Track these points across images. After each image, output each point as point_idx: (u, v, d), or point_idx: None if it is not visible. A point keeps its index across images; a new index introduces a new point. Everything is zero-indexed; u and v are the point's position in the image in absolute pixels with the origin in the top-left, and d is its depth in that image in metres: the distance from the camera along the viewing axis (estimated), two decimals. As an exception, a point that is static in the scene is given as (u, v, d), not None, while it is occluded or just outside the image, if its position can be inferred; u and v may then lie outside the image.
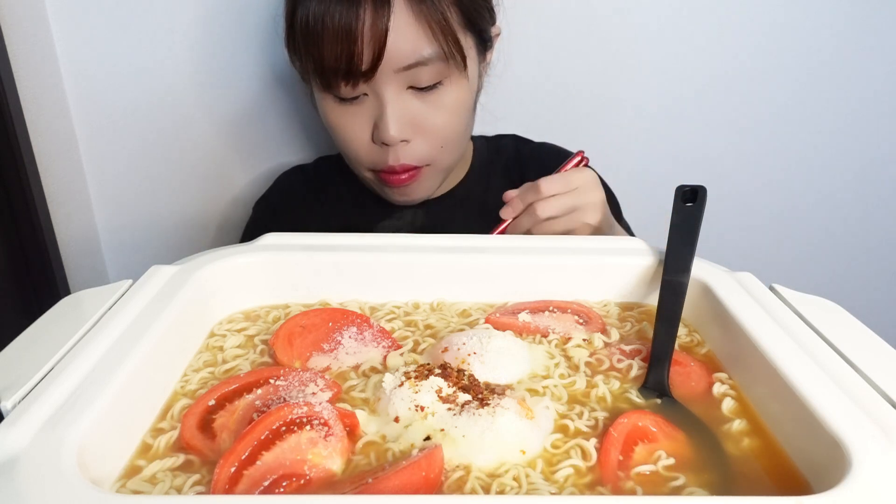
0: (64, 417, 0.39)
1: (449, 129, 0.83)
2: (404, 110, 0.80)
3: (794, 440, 0.43)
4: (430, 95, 0.80)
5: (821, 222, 1.25)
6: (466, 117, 0.86)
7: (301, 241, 0.65)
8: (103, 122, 1.10)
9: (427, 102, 0.80)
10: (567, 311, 0.61)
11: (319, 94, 0.83)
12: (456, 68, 0.80)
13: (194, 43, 1.06)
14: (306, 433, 0.42)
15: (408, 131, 0.81)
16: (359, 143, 0.83)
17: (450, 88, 0.81)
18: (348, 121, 0.82)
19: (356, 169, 0.89)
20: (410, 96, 0.80)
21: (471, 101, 0.86)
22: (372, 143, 0.82)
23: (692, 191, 0.63)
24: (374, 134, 0.81)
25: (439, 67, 0.78)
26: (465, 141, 0.89)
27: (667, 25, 1.08)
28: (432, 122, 0.81)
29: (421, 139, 0.82)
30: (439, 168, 0.87)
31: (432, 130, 0.82)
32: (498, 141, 1.04)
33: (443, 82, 0.80)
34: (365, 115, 0.81)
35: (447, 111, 0.82)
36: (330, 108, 0.83)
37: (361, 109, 0.81)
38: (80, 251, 1.13)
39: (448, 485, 0.40)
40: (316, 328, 0.56)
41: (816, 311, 0.53)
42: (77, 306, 0.53)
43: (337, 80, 0.78)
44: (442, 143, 0.84)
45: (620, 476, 0.42)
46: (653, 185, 1.15)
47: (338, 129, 0.84)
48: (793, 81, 1.13)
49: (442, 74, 0.79)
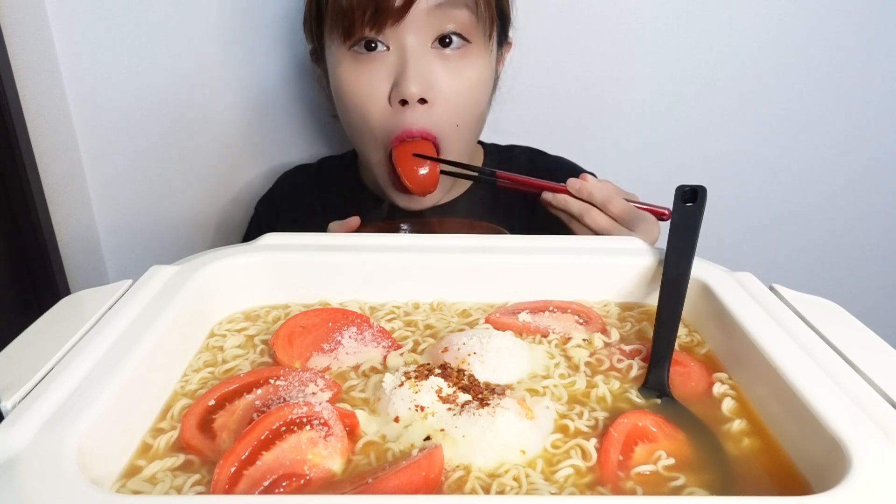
0: (64, 417, 0.39)
1: (466, 102, 0.81)
2: (426, 68, 0.77)
3: (794, 440, 0.43)
4: (453, 60, 0.78)
5: (821, 222, 1.25)
6: (483, 97, 0.84)
7: (301, 241, 0.65)
8: (103, 122, 1.10)
9: (449, 66, 0.78)
10: (567, 311, 0.61)
11: (335, 53, 0.80)
12: (482, 34, 0.78)
13: (194, 43, 1.06)
14: (306, 433, 0.42)
15: (428, 91, 0.77)
16: (375, 103, 0.79)
17: (472, 57, 0.79)
18: (365, 79, 0.79)
19: (366, 156, 0.86)
20: (434, 56, 0.78)
21: (488, 83, 0.84)
22: (388, 106, 0.79)
23: (692, 191, 0.63)
24: (391, 94, 0.78)
25: (467, 20, 0.76)
26: (478, 126, 0.87)
27: (666, 26, 1.08)
28: (452, 87, 0.79)
29: (439, 105, 0.79)
30: (448, 151, 0.83)
31: (451, 97, 0.79)
32: (511, 151, 1.02)
33: (465, 48, 0.78)
34: (383, 72, 0.78)
35: (467, 80, 0.80)
36: (345, 66, 0.79)
37: (380, 66, 0.78)
38: (80, 251, 1.13)
39: (448, 485, 0.40)
40: (316, 328, 0.56)
41: (816, 311, 0.53)
42: (77, 306, 0.53)
43: (363, 22, 0.74)
44: (458, 120, 0.81)
45: (620, 476, 0.42)
46: (653, 186, 1.15)
47: (353, 89, 0.80)
48: (793, 82, 1.14)
49: (468, 31, 0.77)
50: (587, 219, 0.75)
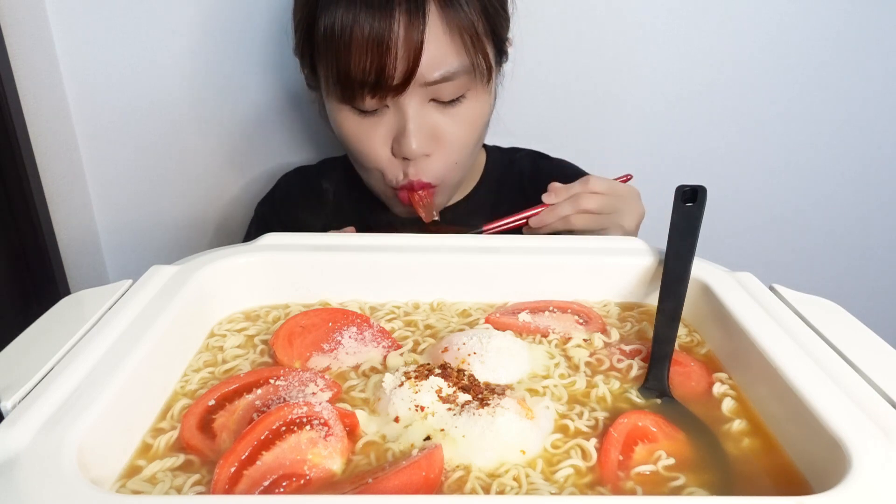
0: (64, 417, 0.39)
1: (466, 144, 0.81)
2: (426, 124, 0.78)
3: (794, 440, 0.43)
4: (452, 109, 0.78)
5: (821, 222, 1.25)
6: (482, 131, 0.85)
7: (301, 241, 0.65)
8: (103, 122, 1.10)
9: (448, 116, 0.79)
10: (567, 311, 0.61)
11: (335, 106, 0.80)
12: (480, 81, 0.78)
13: (194, 43, 1.06)
14: (306, 433, 0.42)
15: (429, 145, 0.79)
16: (378, 156, 0.80)
17: (471, 102, 0.79)
18: (367, 134, 0.80)
19: (368, 181, 0.87)
20: (432, 109, 0.78)
21: (488, 115, 0.85)
22: (392, 158, 0.80)
23: (692, 191, 0.63)
24: (393, 147, 0.79)
25: (464, 81, 0.77)
26: (475, 156, 0.88)
27: (666, 26, 1.08)
28: (452, 135, 0.79)
29: (440, 153, 0.80)
30: (448, 185, 0.85)
31: (451, 144, 0.80)
32: (513, 153, 1.02)
33: (465, 95, 0.78)
34: (385, 128, 0.79)
35: (466, 125, 0.80)
36: (347, 120, 0.80)
37: (381, 122, 0.79)
38: (80, 251, 1.13)
39: (448, 485, 0.40)
40: (316, 328, 0.56)
41: (816, 311, 0.53)
42: (77, 306, 0.53)
43: (363, 93, 0.75)
44: (457, 159, 0.82)
45: (620, 476, 0.42)
46: (653, 185, 1.15)
47: (356, 142, 0.81)
48: (793, 82, 1.14)
49: (466, 88, 0.78)
50: (570, 226, 0.76)
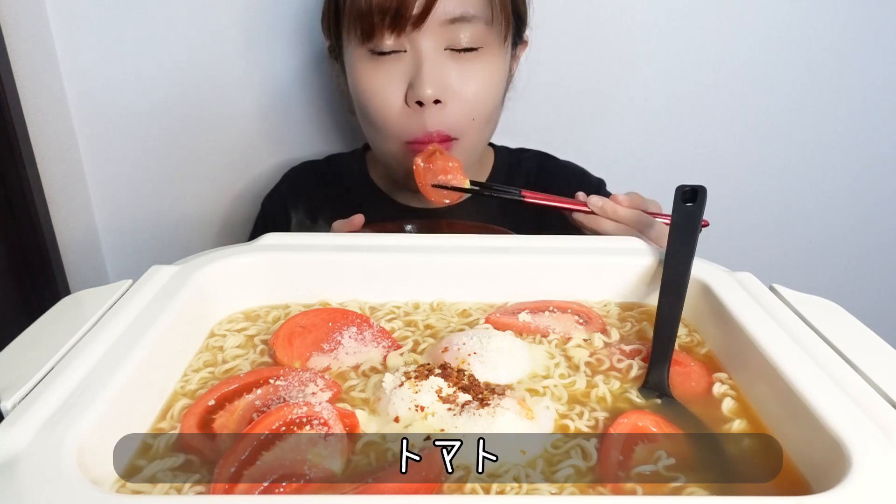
0: (64, 417, 0.39)
1: (481, 100, 0.83)
2: (441, 70, 0.79)
3: (794, 440, 0.43)
4: (467, 61, 0.80)
5: (821, 222, 1.25)
6: (496, 94, 0.86)
7: (301, 241, 0.65)
8: (103, 122, 1.10)
9: (463, 67, 0.80)
10: (567, 311, 0.61)
11: (353, 53, 0.82)
12: (496, 37, 0.80)
13: (194, 43, 1.06)
14: (306, 433, 0.42)
15: (443, 92, 0.80)
16: (391, 104, 0.82)
17: (486, 57, 0.81)
18: (382, 80, 0.81)
19: (382, 148, 0.87)
20: (447, 57, 0.80)
21: (502, 80, 0.86)
22: (405, 107, 0.81)
23: (692, 191, 0.63)
24: (407, 94, 0.81)
25: (482, 31, 0.78)
26: (493, 119, 0.89)
27: (666, 26, 1.08)
28: (467, 87, 0.81)
29: (454, 105, 0.81)
30: (467, 146, 0.85)
31: (466, 97, 0.81)
32: (521, 154, 1.03)
33: (481, 49, 0.80)
34: (399, 74, 0.80)
35: (481, 80, 0.82)
36: (363, 66, 0.82)
37: (396, 67, 0.80)
38: (80, 251, 1.13)
39: (448, 485, 0.40)
40: (316, 328, 0.56)
41: (816, 311, 0.53)
42: (77, 306, 0.53)
43: (382, 26, 0.77)
44: (473, 115, 0.83)
45: (620, 476, 0.42)
46: (653, 185, 1.15)
47: (370, 89, 0.82)
48: (793, 82, 1.14)
49: (482, 40, 0.79)
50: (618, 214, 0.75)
